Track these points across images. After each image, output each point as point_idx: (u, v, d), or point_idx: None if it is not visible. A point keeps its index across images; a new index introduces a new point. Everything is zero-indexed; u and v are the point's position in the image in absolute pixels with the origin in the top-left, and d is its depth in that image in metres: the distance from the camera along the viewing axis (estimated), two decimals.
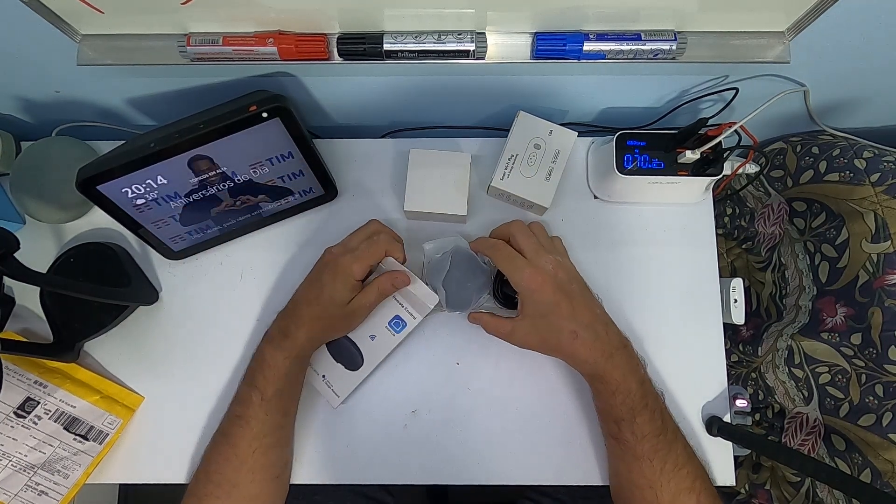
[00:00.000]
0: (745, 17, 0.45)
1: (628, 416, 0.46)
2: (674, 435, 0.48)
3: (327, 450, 0.55)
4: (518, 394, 0.55)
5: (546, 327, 0.47)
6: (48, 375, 0.54)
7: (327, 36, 0.46)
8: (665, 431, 0.47)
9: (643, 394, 0.47)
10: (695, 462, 0.48)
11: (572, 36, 0.46)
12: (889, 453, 0.51)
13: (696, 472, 0.47)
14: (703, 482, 0.47)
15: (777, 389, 0.64)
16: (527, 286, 0.47)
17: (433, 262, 0.55)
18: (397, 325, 0.54)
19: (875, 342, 0.52)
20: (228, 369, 0.57)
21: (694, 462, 0.48)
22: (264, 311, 0.58)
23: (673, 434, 0.48)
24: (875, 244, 0.53)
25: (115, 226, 0.52)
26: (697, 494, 0.46)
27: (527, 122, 0.56)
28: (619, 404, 0.47)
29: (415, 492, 0.91)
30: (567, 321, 0.47)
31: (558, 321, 0.47)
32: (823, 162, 0.60)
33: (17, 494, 0.51)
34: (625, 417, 0.47)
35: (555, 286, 0.47)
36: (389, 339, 0.54)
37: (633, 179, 0.54)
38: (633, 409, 0.47)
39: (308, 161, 0.52)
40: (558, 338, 0.47)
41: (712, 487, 0.48)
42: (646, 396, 0.47)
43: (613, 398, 0.47)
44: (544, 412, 0.55)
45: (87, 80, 0.55)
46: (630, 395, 0.47)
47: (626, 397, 0.47)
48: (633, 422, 0.46)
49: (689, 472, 0.46)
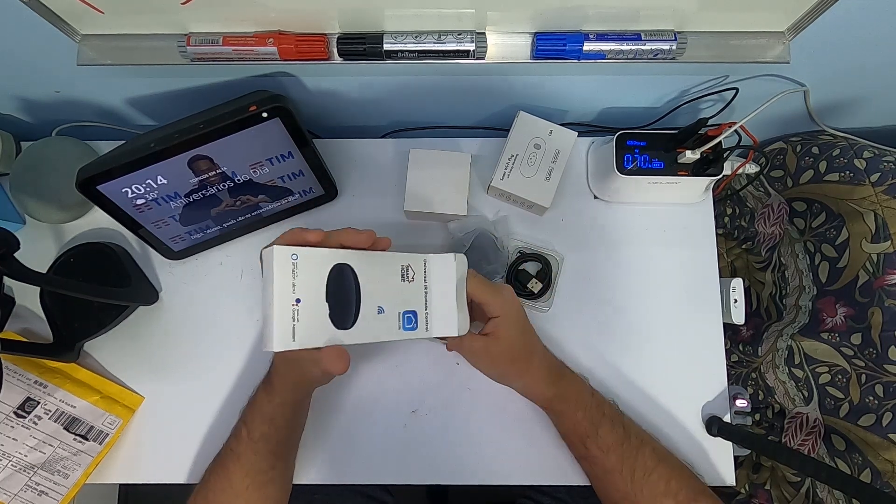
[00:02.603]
0: (745, 17, 0.45)
1: (592, 431, 0.48)
2: (638, 440, 0.48)
3: (327, 450, 0.55)
4: (517, 394, 0.55)
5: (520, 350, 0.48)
6: (48, 375, 0.54)
7: (327, 36, 0.47)
8: (628, 438, 0.47)
9: (598, 403, 0.49)
10: (667, 463, 0.47)
11: (572, 36, 0.46)
12: (889, 453, 0.51)
13: (670, 474, 0.46)
14: (679, 481, 0.46)
15: (777, 389, 0.64)
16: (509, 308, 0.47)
17: (455, 239, 0.56)
18: (409, 321, 0.43)
19: (875, 342, 0.52)
20: (228, 369, 0.57)
21: (666, 463, 0.47)
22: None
23: (637, 439, 0.48)
24: (875, 244, 0.53)
25: (115, 226, 0.52)
26: (674, 496, 0.45)
27: (527, 122, 0.56)
28: (581, 420, 0.48)
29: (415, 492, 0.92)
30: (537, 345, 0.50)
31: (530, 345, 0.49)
32: (823, 162, 0.60)
33: (17, 494, 0.51)
34: (589, 433, 0.48)
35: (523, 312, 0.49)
36: (392, 329, 0.42)
37: (633, 179, 0.54)
38: (594, 422, 0.48)
39: (308, 161, 0.52)
40: (529, 360, 0.49)
41: (693, 483, 0.47)
42: (601, 406, 0.49)
43: (575, 414, 0.48)
44: (544, 412, 0.55)
45: (87, 80, 0.55)
46: (588, 408, 0.48)
47: (587, 411, 0.48)
48: (597, 435, 0.47)
49: (660, 475, 0.46)
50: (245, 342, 0.57)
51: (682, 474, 0.47)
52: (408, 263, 0.43)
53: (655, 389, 0.55)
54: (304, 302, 0.36)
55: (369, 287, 0.40)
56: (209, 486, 0.47)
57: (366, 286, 0.40)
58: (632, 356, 0.56)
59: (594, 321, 0.57)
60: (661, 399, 0.55)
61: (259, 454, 0.46)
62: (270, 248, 0.36)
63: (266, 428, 0.46)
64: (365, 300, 0.40)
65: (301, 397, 0.49)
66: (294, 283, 0.36)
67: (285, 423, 0.48)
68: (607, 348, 0.56)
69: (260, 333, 0.57)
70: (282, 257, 0.36)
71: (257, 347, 0.57)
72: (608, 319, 0.57)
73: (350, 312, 0.39)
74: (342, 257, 0.39)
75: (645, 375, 0.56)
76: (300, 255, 0.36)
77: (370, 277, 0.40)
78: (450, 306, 0.44)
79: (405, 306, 0.43)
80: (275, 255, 0.35)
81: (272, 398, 0.46)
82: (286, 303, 0.36)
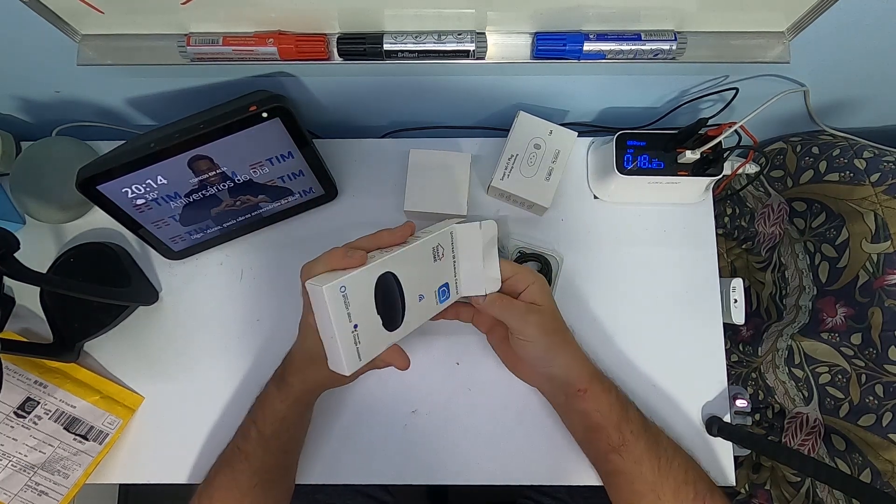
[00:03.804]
0: (745, 17, 0.45)
1: (624, 414, 0.46)
2: (655, 428, 0.48)
3: (328, 450, 0.55)
4: (518, 394, 0.55)
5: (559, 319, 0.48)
6: (48, 375, 0.54)
7: (327, 36, 0.47)
8: (648, 426, 0.47)
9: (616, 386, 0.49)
10: (682, 452, 0.47)
11: (572, 36, 0.46)
12: (889, 453, 0.51)
13: (687, 463, 0.46)
14: (695, 472, 0.46)
15: (777, 389, 0.64)
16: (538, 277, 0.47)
17: None
18: (444, 293, 0.46)
19: (875, 342, 0.52)
20: (228, 369, 0.57)
21: (682, 452, 0.47)
22: (264, 311, 0.58)
23: (655, 427, 0.48)
24: (875, 244, 0.53)
25: (115, 226, 0.52)
26: (693, 485, 0.45)
27: (527, 122, 0.56)
28: (615, 401, 0.47)
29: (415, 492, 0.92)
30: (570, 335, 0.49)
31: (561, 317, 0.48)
32: (823, 162, 0.60)
33: (17, 494, 0.51)
34: (622, 417, 0.46)
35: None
36: (432, 306, 0.45)
37: (633, 179, 0.54)
38: (624, 405, 0.47)
39: (308, 161, 0.52)
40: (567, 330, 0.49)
41: (705, 475, 0.47)
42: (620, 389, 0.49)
43: (611, 394, 0.47)
44: (544, 412, 0.55)
45: (87, 80, 0.55)
46: (617, 389, 0.48)
47: (618, 393, 0.48)
48: (628, 419, 0.46)
49: (679, 464, 0.46)
50: (245, 342, 0.57)
51: (696, 465, 0.47)
52: (437, 243, 0.44)
53: (655, 389, 0.55)
54: (360, 325, 0.39)
55: (409, 283, 0.42)
56: (214, 484, 0.47)
57: (406, 284, 0.42)
58: (631, 356, 0.56)
59: (594, 321, 0.57)
60: (661, 399, 0.55)
61: (270, 453, 0.47)
62: (319, 288, 0.36)
63: (278, 427, 0.47)
64: (408, 296, 0.42)
65: (315, 397, 0.49)
66: (349, 312, 0.38)
67: (297, 422, 0.48)
68: (607, 348, 0.56)
69: (261, 334, 0.58)
70: (332, 295, 0.36)
71: (257, 347, 0.57)
72: (608, 319, 0.57)
73: (398, 313, 0.42)
74: (382, 268, 0.40)
75: (645, 375, 0.56)
76: (347, 285, 0.37)
77: (408, 274, 0.42)
78: (477, 268, 0.46)
79: (439, 282, 0.45)
80: (326, 295, 0.36)
81: (286, 397, 0.46)
82: (346, 332, 0.38)
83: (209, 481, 0.48)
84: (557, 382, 0.48)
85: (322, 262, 0.39)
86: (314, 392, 0.49)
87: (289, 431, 0.48)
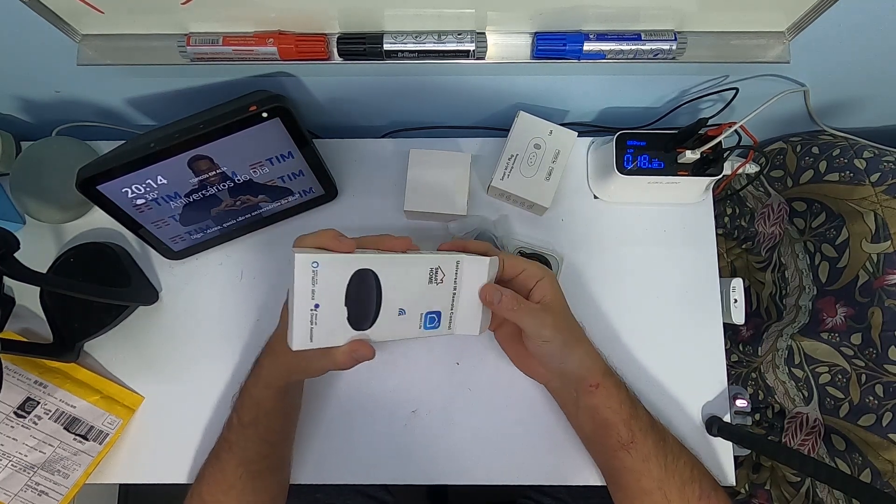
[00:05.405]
0: (745, 17, 0.45)
1: (633, 410, 0.46)
2: (661, 426, 0.48)
3: (328, 449, 0.55)
4: (518, 394, 0.55)
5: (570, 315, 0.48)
6: (48, 375, 0.54)
7: (327, 36, 0.47)
8: (654, 423, 0.47)
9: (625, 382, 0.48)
10: (687, 450, 0.47)
11: (572, 36, 0.46)
12: (889, 453, 0.51)
13: (692, 461, 0.46)
14: (700, 470, 0.46)
15: (777, 389, 0.64)
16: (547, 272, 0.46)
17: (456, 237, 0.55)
18: (432, 320, 0.44)
19: (875, 342, 0.52)
20: (228, 369, 0.57)
21: (686, 450, 0.47)
22: (264, 311, 0.58)
23: (661, 425, 0.48)
24: (875, 244, 0.53)
25: (115, 226, 0.52)
26: (699, 483, 0.45)
27: (527, 122, 0.56)
28: (625, 397, 0.46)
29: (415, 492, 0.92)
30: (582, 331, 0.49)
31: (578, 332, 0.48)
32: (823, 162, 0.60)
33: (17, 494, 0.51)
34: (631, 413, 0.46)
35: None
36: (413, 328, 0.43)
37: (633, 179, 0.54)
38: (633, 401, 0.47)
39: (308, 161, 0.52)
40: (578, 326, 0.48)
41: (708, 473, 0.47)
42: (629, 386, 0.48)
43: (621, 390, 0.47)
44: (544, 412, 0.55)
45: (87, 80, 0.55)
46: (625, 386, 0.47)
47: (627, 389, 0.47)
48: (637, 416, 0.46)
49: (685, 462, 0.46)
50: (245, 342, 0.57)
51: (700, 463, 0.47)
52: (438, 265, 0.43)
53: (655, 389, 0.55)
54: (322, 307, 0.38)
55: (392, 290, 0.41)
56: (204, 478, 0.48)
57: (388, 290, 0.41)
58: (631, 356, 0.56)
59: (594, 321, 0.57)
60: (661, 399, 0.55)
61: (250, 440, 0.47)
62: (294, 255, 0.36)
63: (255, 412, 0.47)
64: (386, 303, 0.41)
65: (288, 385, 0.48)
66: (313, 289, 0.37)
67: (273, 408, 0.47)
68: (606, 348, 0.56)
69: (260, 334, 0.57)
70: (302, 265, 0.37)
71: (257, 347, 0.57)
72: (607, 320, 0.57)
73: (369, 315, 0.41)
74: (365, 263, 0.39)
75: (645, 375, 0.56)
76: (321, 262, 0.37)
77: (394, 281, 0.41)
78: (476, 306, 0.45)
79: (429, 307, 0.44)
80: (296, 262, 0.36)
81: (258, 380, 0.47)
82: (305, 307, 0.38)
83: (200, 475, 0.49)
84: (569, 378, 0.48)
85: (314, 237, 0.40)
86: (283, 377, 0.46)
87: (268, 419, 0.47)
